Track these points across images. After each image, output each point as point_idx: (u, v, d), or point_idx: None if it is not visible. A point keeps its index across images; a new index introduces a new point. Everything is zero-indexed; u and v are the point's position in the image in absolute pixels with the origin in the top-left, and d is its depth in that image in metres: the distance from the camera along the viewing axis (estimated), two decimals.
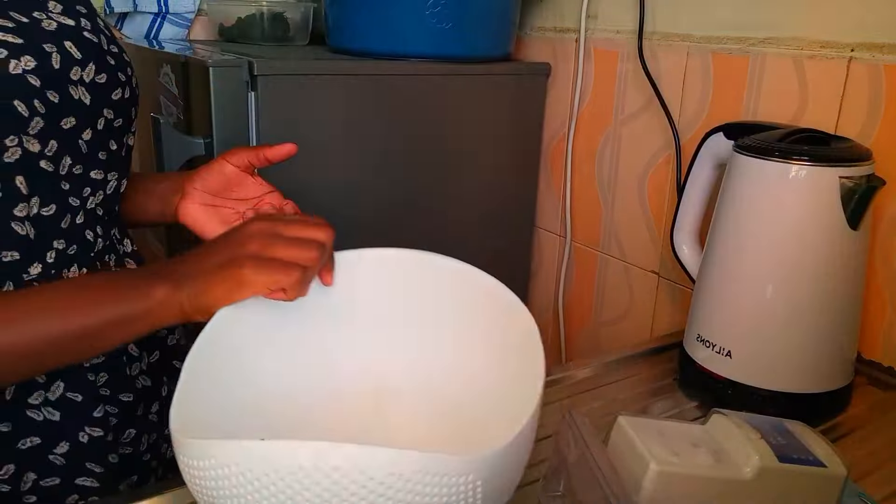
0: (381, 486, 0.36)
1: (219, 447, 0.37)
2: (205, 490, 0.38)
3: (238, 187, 0.67)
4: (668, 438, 0.53)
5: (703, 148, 0.83)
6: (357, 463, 0.36)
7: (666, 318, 1.06)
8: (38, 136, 0.53)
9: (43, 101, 0.53)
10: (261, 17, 1.21)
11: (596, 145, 1.13)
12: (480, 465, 0.38)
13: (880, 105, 0.77)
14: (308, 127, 0.97)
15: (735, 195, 0.71)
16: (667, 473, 0.50)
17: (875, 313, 0.80)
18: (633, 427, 0.54)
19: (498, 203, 1.20)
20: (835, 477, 0.51)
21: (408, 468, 0.36)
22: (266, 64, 0.92)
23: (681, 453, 0.52)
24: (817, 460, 0.52)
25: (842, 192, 0.65)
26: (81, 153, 0.58)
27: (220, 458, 0.37)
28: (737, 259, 0.71)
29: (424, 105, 1.06)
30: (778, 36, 0.86)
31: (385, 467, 0.36)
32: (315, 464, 0.35)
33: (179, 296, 0.52)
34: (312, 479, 0.35)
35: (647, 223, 1.07)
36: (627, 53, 1.04)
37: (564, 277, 1.23)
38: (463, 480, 0.38)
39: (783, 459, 0.51)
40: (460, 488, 0.38)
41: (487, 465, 0.39)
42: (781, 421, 0.56)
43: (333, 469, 0.35)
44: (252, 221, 0.55)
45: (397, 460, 0.36)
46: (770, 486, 0.51)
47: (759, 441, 0.52)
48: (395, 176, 1.07)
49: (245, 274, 0.51)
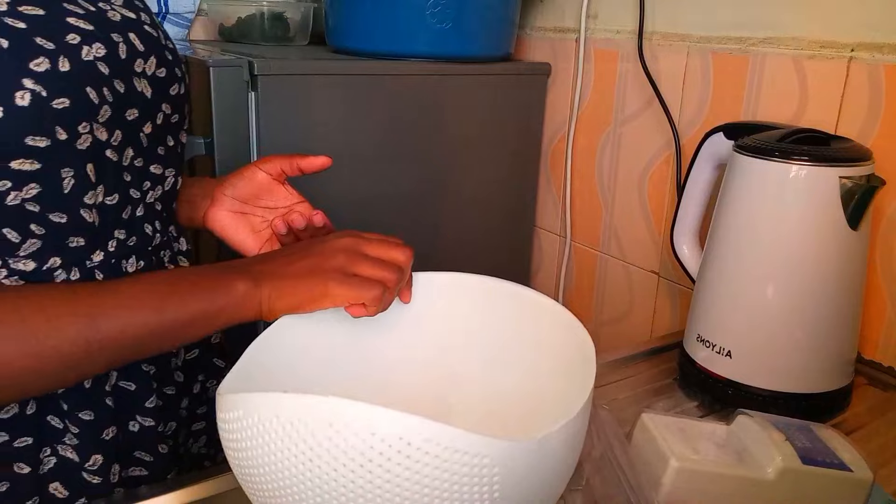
0: (390, 450, 0.37)
1: (244, 399, 0.40)
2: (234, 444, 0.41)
3: (268, 195, 0.68)
4: (691, 437, 0.54)
5: (703, 148, 0.83)
6: (369, 423, 0.37)
7: (666, 318, 1.06)
8: (105, 124, 0.54)
9: (111, 89, 0.53)
10: (261, 17, 1.21)
11: (596, 145, 1.13)
12: (498, 449, 0.38)
13: (880, 105, 0.77)
14: (308, 127, 0.97)
15: (735, 195, 0.71)
16: (686, 470, 0.51)
17: (875, 313, 0.80)
18: (655, 424, 0.54)
19: (498, 203, 1.20)
20: (861, 482, 0.51)
21: (417, 436, 0.37)
22: (266, 64, 0.92)
23: (702, 451, 0.52)
24: (843, 464, 0.51)
25: (842, 192, 0.65)
26: (142, 146, 0.59)
27: (246, 409, 0.39)
28: (737, 259, 0.71)
29: (424, 105, 1.06)
30: (778, 36, 0.86)
31: (395, 432, 0.37)
32: (330, 420, 0.37)
33: (260, 293, 0.53)
34: (325, 434, 0.37)
35: (647, 223, 1.07)
36: (627, 53, 1.04)
37: (564, 277, 1.23)
38: (478, 461, 0.37)
39: (807, 462, 0.51)
40: (475, 469, 0.37)
41: (507, 450, 0.38)
42: (809, 424, 0.56)
43: (345, 426, 0.37)
44: (339, 237, 0.58)
45: (408, 425, 0.37)
46: (792, 487, 0.51)
47: (783, 443, 0.52)
48: (395, 176, 1.07)
49: (330, 286, 0.53)
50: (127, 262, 0.59)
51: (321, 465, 0.37)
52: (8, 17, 0.48)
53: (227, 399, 0.41)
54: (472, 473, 0.37)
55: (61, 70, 0.49)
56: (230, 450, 0.42)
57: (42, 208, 0.52)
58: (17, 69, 0.47)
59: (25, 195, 0.51)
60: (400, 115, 1.04)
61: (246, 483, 0.42)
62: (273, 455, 0.39)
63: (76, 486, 0.56)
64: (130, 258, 0.59)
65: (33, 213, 0.52)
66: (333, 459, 0.37)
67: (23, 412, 0.54)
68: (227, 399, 0.41)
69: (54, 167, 0.51)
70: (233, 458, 0.42)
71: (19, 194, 0.50)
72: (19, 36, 0.48)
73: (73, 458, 0.56)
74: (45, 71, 0.48)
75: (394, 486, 0.37)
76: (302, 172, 0.66)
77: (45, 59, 0.49)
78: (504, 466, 0.38)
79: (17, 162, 0.49)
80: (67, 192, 0.52)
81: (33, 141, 0.49)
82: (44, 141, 0.49)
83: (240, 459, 0.41)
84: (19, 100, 0.47)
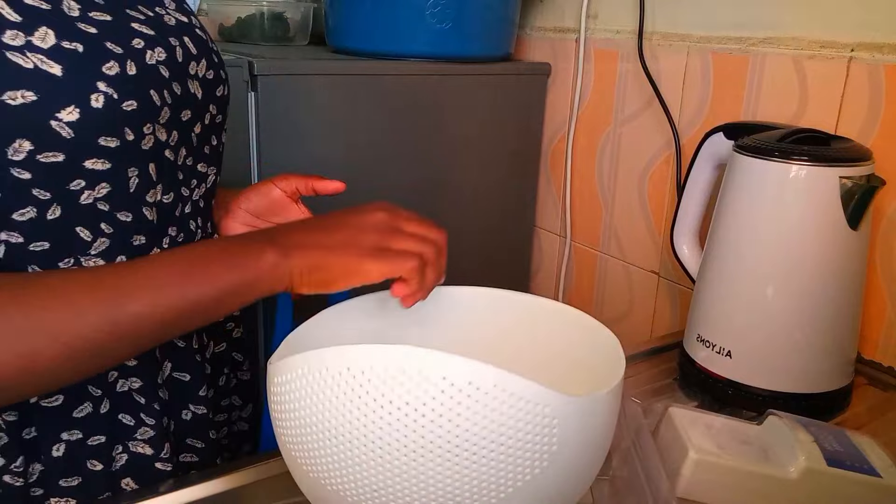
0: (460, 394, 0.38)
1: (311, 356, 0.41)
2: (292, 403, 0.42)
3: (281, 211, 0.69)
4: (717, 432, 0.54)
5: (703, 148, 0.83)
6: (441, 368, 0.38)
7: (666, 318, 1.06)
8: (165, 125, 0.56)
9: (170, 92, 0.55)
10: (261, 17, 1.21)
11: (596, 145, 1.13)
12: (558, 400, 0.40)
13: (880, 105, 0.77)
14: (308, 127, 0.97)
15: (735, 195, 0.71)
16: (705, 462, 0.51)
17: (875, 313, 0.80)
18: (681, 419, 0.55)
19: (498, 203, 1.20)
20: (890, 488, 0.50)
21: (485, 382, 0.38)
22: (266, 64, 0.92)
23: (726, 447, 0.53)
24: (872, 469, 0.51)
25: (842, 192, 0.65)
26: (193, 145, 0.61)
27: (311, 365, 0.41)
28: (737, 259, 0.71)
29: (424, 105, 1.06)
30: (778, 36, 0.86)
31: (464, 376, 0.38)
32: (403, 367, 0.39)
33: (289, 264, 0.52)
34: (398, 380, 0.39)
35: (647, 223, 1.07)
36: (627, 53, 1.04)
37: (564, 277, 1.23)
38: (540, 410, 0.39)
39: (832, 464, 0.50)
40: (537, 419, 0.39)
41: (565, 404, 0.40)
42: (844, 430, 0.56)
43: (417, 372, 0.38)
44: (373, 210, 0.57)
45: (477, 370, 0.38)
46: (816, 489, 0.50)
47: (810, 444, 0.52)
48: (395, 176, 1.07)
49: (364, 261, 0.52)
50: None
51: (392, 411, 0.39)
52: (81, 23, 0.50)
53: (288, 360, 0.42)
54: (535, 422, 0.39)
55: (129, 73, 0.51)
56: (286, 412, 0.42)
57: (111, 207, 0.54)
58: (92, 73, 0.49)
59: (97, 194, 0.52)
60: (400, 115, 1.04)
61: (299, 449, 0.43)
62: (341, 407, 0.40)
63: (146, 480, 0.59)
64: None
65: (103, 212, 0.53)
66: (405, 405, 0.38)
67: (96, 411, 0.56)
68: (288, 360, 0.42)
69: (122, 167, 0.53)
70: (289, 422, 0.43)
71: (92, 193, 0.52)
72: (92, 41, 0.50)
73: (146, 452, 0.58)
74: (115, 74, 0.50)
75: (462, 430, 0.39)
76: (316, 193, 0.68)
77: (115, 63, 0.51)
78: (562, 418, 0.40)
79: (91, 161, 0.51)
80: (133, 191, 0.54)
81: (105, 141, 0.51)
82: (114, 141, 0.51)
83: (298, 419, 0.42)
84: (94, 102, 0.49)
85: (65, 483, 0.55)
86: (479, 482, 0.39)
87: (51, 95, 0.48)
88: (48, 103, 0.48)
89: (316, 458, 0.42)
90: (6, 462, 0.53)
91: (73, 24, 0.49)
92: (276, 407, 0.43)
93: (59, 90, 0.48)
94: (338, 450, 0.40)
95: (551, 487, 0.42)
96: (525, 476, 0.40)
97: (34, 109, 0.47)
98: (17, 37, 0.47)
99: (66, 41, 0.48)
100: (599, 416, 0.43)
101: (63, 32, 0.49)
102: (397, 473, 0.39)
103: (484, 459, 0.39)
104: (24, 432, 0.54)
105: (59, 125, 0.48)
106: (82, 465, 0.56)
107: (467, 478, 0.39)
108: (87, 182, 0.51)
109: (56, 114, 0.48)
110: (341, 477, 0.41)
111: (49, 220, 0.51)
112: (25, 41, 0.47)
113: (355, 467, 0.40)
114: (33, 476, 0.55)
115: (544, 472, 0.40)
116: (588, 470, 0.45)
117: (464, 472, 0.39)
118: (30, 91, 0.47)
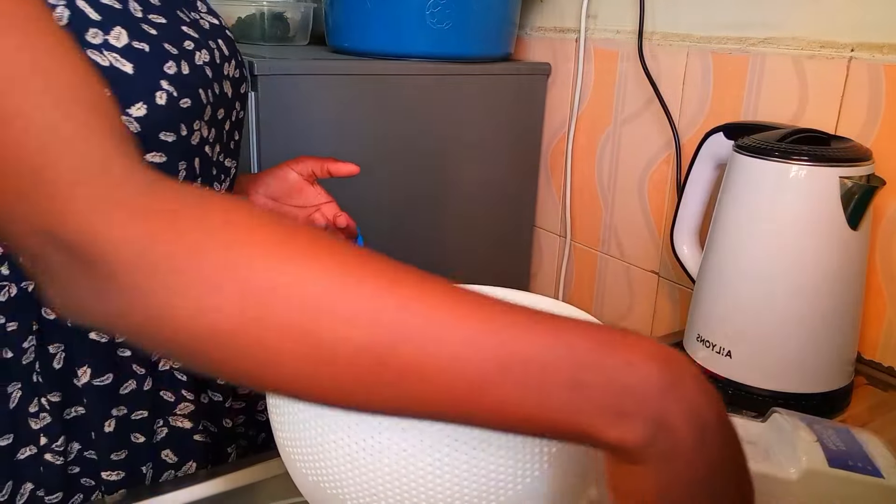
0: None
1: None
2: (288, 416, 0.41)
3: (298, 195, 0.71)
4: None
5: (703, 148, 0.83)
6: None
7: (666, 318, 1.06)
8: (207, 123, 0.58)
9: (213, 91, 0.58)
10: (261, 17, 1.21)
11: (596, 145, 1.13)
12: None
13: (880, 105, 0.77)
14: (308, 127, 0.97)
15: (735, 195, 0.71)
16: None
17: (875, 313, 0.80)
18: None
19: (498, 203, 1.20)
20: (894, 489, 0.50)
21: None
22: (266, 64, 0.92)
23: None
24: (876, 470, 0.50)
25: (842, 192, 0.65)
26: (223, 142, 0.63)
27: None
28: (737, 259, 0.71)
29: (424, 105, 1.06)
30: (778, 36, 0.86)
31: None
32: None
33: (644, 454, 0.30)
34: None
35: (647, 223, 1.07)
36: (627, 53, 1.04)
37: (564, 277, 1.23)
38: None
39: (835, 465, 0.50)
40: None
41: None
42: (848, 428, 0.55)
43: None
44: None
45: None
46: (817, 489, 0.50)
47: (812, 443, 0.51)
48: (395, 176, 1.07)
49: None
50: None
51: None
52: (144, 24, 0.52)
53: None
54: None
55: (184, 73, 0.54)
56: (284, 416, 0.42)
57: None
58: (156, 71, 0.52)
59: None
60: (400, 115, 1.04)
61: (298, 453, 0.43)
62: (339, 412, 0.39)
63: (184, 451, 0.61)
64: None
65: None
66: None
67: (140, 388, 0.59)
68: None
69: (175, 160, 0.56)
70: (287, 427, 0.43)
71: None
72: (154, 42, 0.52)
73: (185, 426, 0.61)
74: (174, 73, 0.53)
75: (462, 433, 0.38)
76: (331, 175, 0.69)
77: (173, 63, 0.53)
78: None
79: (151, 155, 0.53)
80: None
81: (165, 136, 0.53)
82: (171, 136, 0.54)
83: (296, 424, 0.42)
84: (159, 99, 0.52)
85: (115, 457, 0.58)
86: (479, 485, 0.39)
87: (124, 92, 0.50)
88: (121, 100, 0.50)
89: (315, 462, 0.42)
90: (48, 441, 0.55)
91: (139, 24, 0.52)
92: (274, 410, 0.43)
93: (131, 87, 0.50)
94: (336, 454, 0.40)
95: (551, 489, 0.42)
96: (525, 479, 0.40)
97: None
98: (97, 35, 0.49)
99: (136, 41, 0.51)
100: None
101: (133, 32, 0.51)
102: (396, 477, 0.39)
103: (483, 463, 0.39)
104: (65, 412, 0.56)
105: (129, 120, 0.51)
106: (128, 438, 0.59)
107: (466, 481, 0.39)
108: None
109: (127, 109, 0.50)
110: (341, 480, 0.41)
111: None
112: (103, 40, 0.49)
113: (354, 471, 0.40)
114: (72, 454, 0.57)
115: (544, 475, 0.40)
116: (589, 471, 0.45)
117: (463, 475, 0.39)
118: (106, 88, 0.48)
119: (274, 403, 0.44)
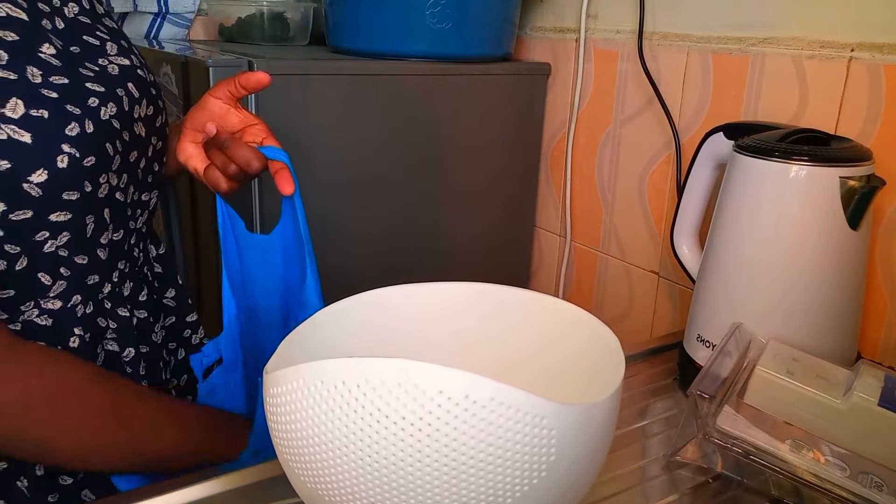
0: (457, 408, 0.38)
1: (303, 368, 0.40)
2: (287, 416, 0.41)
3: (222, 121, 0.69)
4: (798, 364, 0.60)
5: (703, 148, 0.83)
6: (437, 381, 0.38)
7: (666, 318, 1.06)
8: (116, 171, 0.59)
9: (121, 141, 0.59)
10: (261, 17, 1.21)
11: (596, 145, 1.13)
12: (557, 411, 0.39)
13: (880, 105, 0.77)
14: (308, 127, 0.97)
15: (735, 195, 0.71)
16: (766, 380, 0.59)
17: (875, 313, 0.80)
18: (771, 349, 0.63)
19: (498, 203, 1.20)
20: None
21: (483, 395, 0.38)
22: (266, 64, 0.92)
23: (796, 374, 0.59)
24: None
25: (842, 192, 0.65)
26: (139, 180, 0.65)
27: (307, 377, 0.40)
28: (737, 259, 0.71)
29: (424, 105, 1.06)
30: (778, 36, 0.86)
31: (462, 390, 0.38)
32: (399, 381, 0.38)
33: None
34: (394, 394, 0.38)
35: (647, 223, 1.07)
36: (627, 53, 1.04)
37: (564, 277, 1.23)
38: (538, 422, 0.39)
39: (883, 405, 0.54)
40: (536, 430, 0.39)
41: (564, 414, 0.39)
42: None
43: (414, 385, 0.38)
44: None
45: (475, 384, 0.38)
46: (864, 424, 0.54)
47: (874, 384, 0.56)
48: (395, 176, 1.07)
49: None
50: (124, 287, 0.65)
51: (388, 425, 0.38)
52: (43, 89, 0.53)
53: (283, 372, 0.41)
54: (534, 433, 0.39)
55: (88, 132, 0.55)
56: (282, 423, 0.42)
57: (70, 252, 0.58)
58: (57, 136, 0.53)
59: (59, 242, 0.56)
60: (400, 115, 1.04)
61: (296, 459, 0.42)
62: (337, 421, 0.39)
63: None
64: (126, 283, 0.65)
65: (63, 258, 0.57)
66: (402, 419, 0.38)
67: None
68: (283, 372, 0.41)
69: (81, 215, 0.57)
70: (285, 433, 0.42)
71: (54, 242, 0.56)
72: (54, 105, 0.53)
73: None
74: (76, 135, 0.54)
75: (460, 443, 0.38)
76: (245, 90, 0.68)
77: (75, 124, 0.54)
78: (561, 428, 0.40)
79: (55, 214, 0.55)
80: (89, 235, 0.59)
81: (68, 195, 0.55)
82: (75, 194, 0.55)
83: (294, 431, 0.41)
84: (60, 163, 0.53)
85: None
86: (477, 494, 0.39)
87: (23, 162, 0.51)
88: (21, 169, 0.51)
89: (312, 469, 0.41)
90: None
91: (38, 91, 0.52)
92: (272, 418, 0.43)
93: (31, 156, 0.51)
94: (334, 462, 0.40)
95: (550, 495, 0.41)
96: (524, 486, 0.40)
97: (8, 176, 0.51)
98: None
99: (34, 109, 0.52)
100: (598, 421, 0.43)
101: (30, 101, 0.52)
102: (394, 486, 0.39)
103: (482, 472, 0.38)
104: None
105: (30, 186, 0.52)
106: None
107: (465, 490, 0.39)
108: (50, 233, 0.55)
109: (28, 177, 0.51)
110: (338, 489, 0.40)
111: (17, 271, 0.55)
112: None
113: (352, 480, 0.40)
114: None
115: (542, 482, 0.40)
116: (587, 475, 0.44)
117: (461, 484, 0.39)
118: (4, 160, 0.50)
119: (272, 411, 0.43)
